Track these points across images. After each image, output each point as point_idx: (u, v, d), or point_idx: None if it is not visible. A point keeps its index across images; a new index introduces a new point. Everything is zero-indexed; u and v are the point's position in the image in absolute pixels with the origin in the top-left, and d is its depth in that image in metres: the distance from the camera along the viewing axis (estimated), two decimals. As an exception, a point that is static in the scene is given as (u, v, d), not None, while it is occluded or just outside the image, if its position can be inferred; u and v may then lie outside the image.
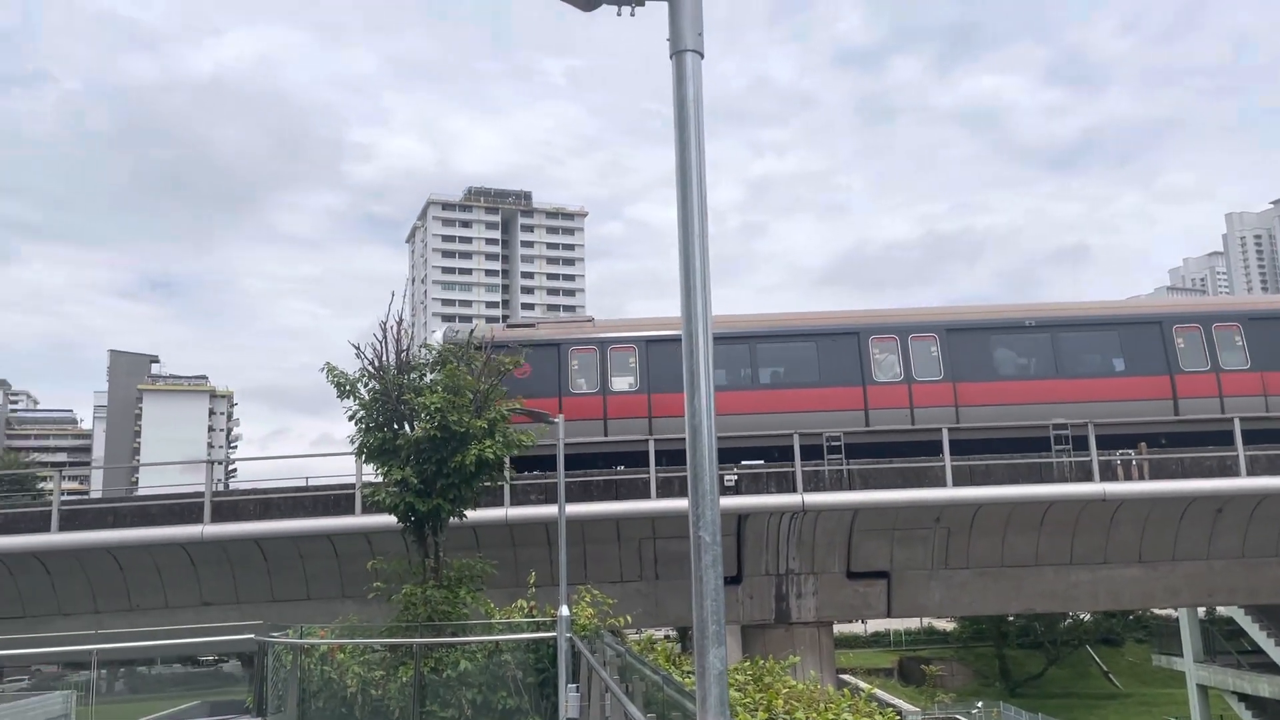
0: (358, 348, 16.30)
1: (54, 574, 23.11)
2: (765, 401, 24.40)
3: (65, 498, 22.74)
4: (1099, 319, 25.56)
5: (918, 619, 63.51)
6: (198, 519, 22.28)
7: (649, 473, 22.68)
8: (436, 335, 22.01)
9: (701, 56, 4.43)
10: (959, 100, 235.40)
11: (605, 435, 23.78)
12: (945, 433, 22.80)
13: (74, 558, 22.75)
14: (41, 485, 63.85)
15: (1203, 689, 42.20)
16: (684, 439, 4.37)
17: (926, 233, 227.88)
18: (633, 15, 4.66)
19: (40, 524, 22.34)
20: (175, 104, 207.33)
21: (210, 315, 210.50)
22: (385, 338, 16.27)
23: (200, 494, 22.54)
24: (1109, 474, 22.96)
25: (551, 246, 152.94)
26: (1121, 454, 23.19)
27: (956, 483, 22.64)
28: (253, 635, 18.04)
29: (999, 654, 63.26)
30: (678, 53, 4.39)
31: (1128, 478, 23.00)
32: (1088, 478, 22.73)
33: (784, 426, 23.19)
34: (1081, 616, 60.97)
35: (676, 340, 24.12)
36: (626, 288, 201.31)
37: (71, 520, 22.49)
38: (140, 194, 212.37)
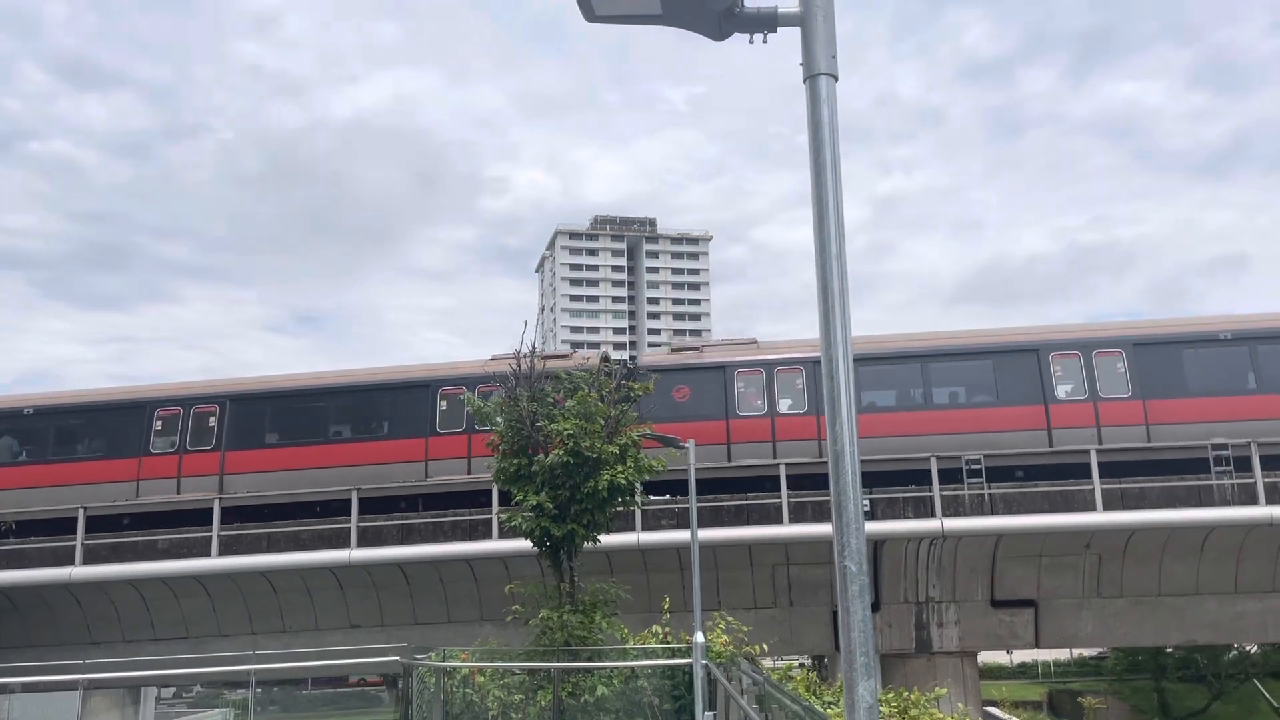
0: (496, 377, 16.70)
1: (214, 597, 24.38)
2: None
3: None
4: None
5: (1067, 650, 60.53)
6: (345, 544, 23.15)
7: (780, 497, 22.42)
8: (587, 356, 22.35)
9: (835, 79, 4.41)
10: (1095, 109, 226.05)
11: (774, 457, 23.48)
12: (1093, 454, 21.78)
13: (232, 581, 23.96)
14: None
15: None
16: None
17: (1067, 246, 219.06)
18: (765, 42, 4.67)
19: (202, 549, 23.63)
20: (319, 147, 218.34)
21: (353, 346, 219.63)
22: (518, 366, 16.63)
23: (348, 520, 23.41)
24: (1276, 497, 21.48)
25: (676, 272, 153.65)
26: (1290, 475, 21.68)
27: (1107, 507, 21.57)
28: (398, 657, 18.58)
29: (1157, 688, 59.57)
30: (811, 77, 4.37)
31: (1298, 501, 21.47)
32: (1252, 501, 21.32)
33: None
34: (1248, 648, 56.96)
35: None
36: (752, 310, 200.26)
37: (230, 546, 23.71)
38: (287, 233, 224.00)
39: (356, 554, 23.01)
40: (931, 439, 22.92)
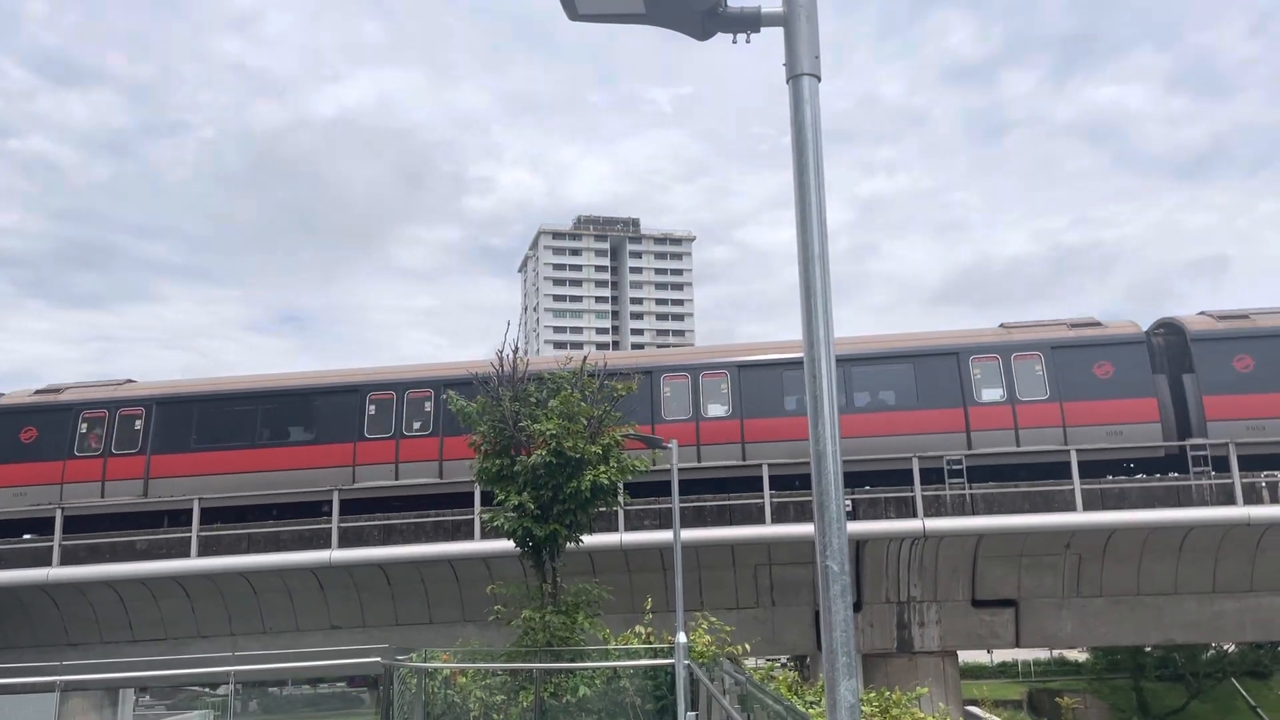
0: (476, 377, 16.67)
1: (193, 597, 24.21)
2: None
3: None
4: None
5: (1047, 649, 60.88)
6: (326, 544, 23.03)
7: (763, 498, 22.46)
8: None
9: (818, 80, 4.41)
10: (1077, 111, 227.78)
11: (699, 460, 23.64)
12: (1073, 454, 21.91)
13: (211, 582, 23.79)
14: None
15: (1366, 728, 39.24)
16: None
17: (1050, 248, 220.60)
18: (748, 42, 4.66)
19: (181, 550, 23.45)
20: (302, 146, 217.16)
21: (336, 346, 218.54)
22: (501, 366, 16.59)
23: (329, 521, 23.29)
24: (1253, 497, 21.68)
25: (660, 272, 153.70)
26: (1267, 475, 21.90)
27: (1087, 507, 21.72)
28: (379, 659, 18.50)
29: (1136, 687, 60.01)
30: (794, 77, 4.37)
31: (1274, 500, 21.69)
32: (1230, 501, 21.51)
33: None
34: (1226, 648, 57.48)
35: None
36: (736, 311, 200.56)
37: (209, 546, 23.54)
38: (270, 232, 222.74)
39: (337, 554, 22.90)
40: (851, 442, 23.12)
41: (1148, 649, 55.59)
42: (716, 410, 24.25)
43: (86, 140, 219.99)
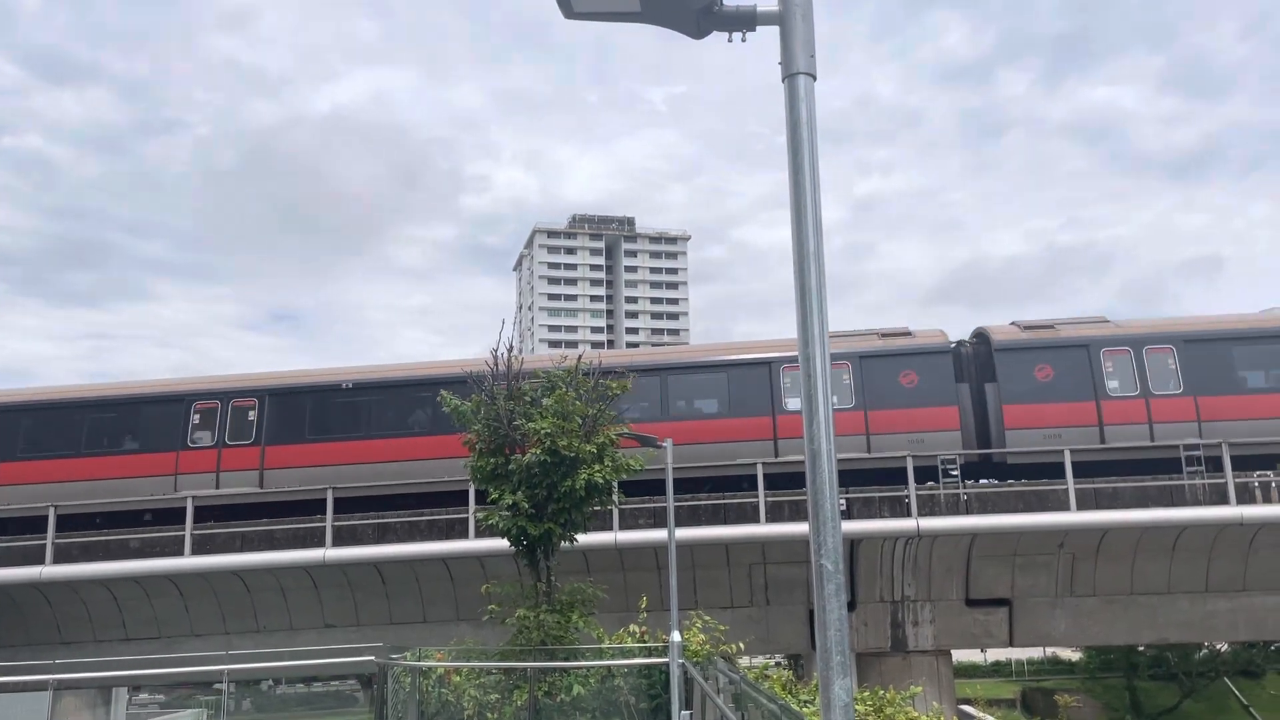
0: (472, 376, 16.65)
1: (187, 596, 24.16)
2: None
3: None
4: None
5: (1041, 648, 60.98)
6: (320, 543, 23.00)
7: (758, 497, 22.47)
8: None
9: (814, 79, 4.40)
10: (1071, 112, 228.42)
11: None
12: (1067, 454, 21.95)
13: (205, 580, 23.75)
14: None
15: (1357, 727, 39.36)
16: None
17: (1044, 247, 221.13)
18: (744, 40, 4.66)
19: (174, 549, 23.40)
20: (297, 144, 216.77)
21: (330, 345, 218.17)
22: (496, 364, 16.57)
23: (323, 518, 23.25)
24: (1246, 496, 21.74)
25: (655, 271, 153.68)
26: (1260, 475, 21.96)
27: (1081, 506, 21.76)
28: (373, 657, 18.47)
29: (1129, 686, 60.13)
30: (790, 76, 4.37)
31: (1267, 500, 21.75)
32: (1223, 500, 21.56)
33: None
34: (1219, 647, 57.60)
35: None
36: (732, 310, 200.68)
37: (203, 545, 23.49)
38: (265, 230, 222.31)
39: (331, 553, 22.87)
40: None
41: (1141, 648, 55.70)
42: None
43: (80, 138, 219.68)
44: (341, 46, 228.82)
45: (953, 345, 24.79)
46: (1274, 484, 21.91)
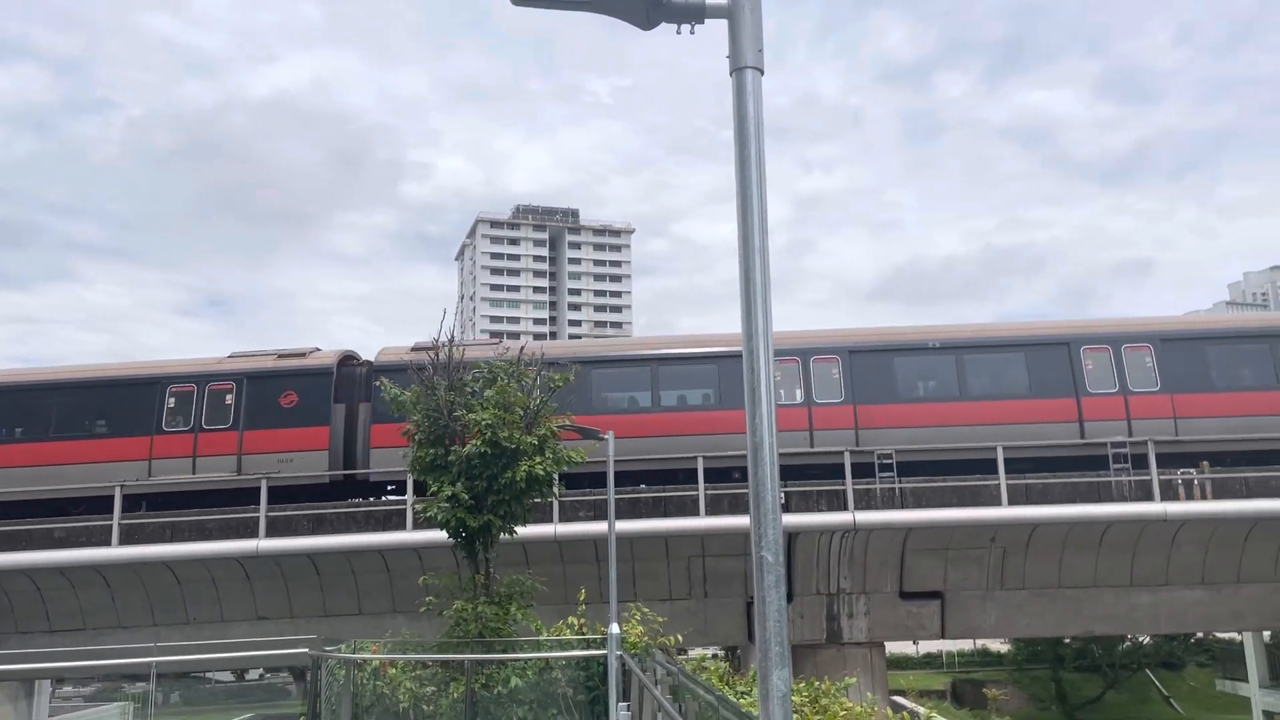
0: (412, 365, 16.47)
1: (114, 587, 23.56)
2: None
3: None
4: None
5: (971, 640, 62.32)
6: (253, 534, 22.59)
7: (698, 490, 22.58)
8: None
9: (761, 73, 4.42)
10: (1008, 115, 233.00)
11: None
12: (1000, 451, 22.41)
13: (133, 571, 23.17)
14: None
15: (1269, 715, 40.84)
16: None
17: (983, 248, 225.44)
18: (691, 33, 4.66)
19: (102, 538, 22.80)
20: (234, 126, 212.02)
21: (266, 332, 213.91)
22: (436, 355, 16.42)
23: (256, 509, 22.84)
24: (1170, 493, 22.41)
25: (598, 263, 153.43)
26: (1183, 473, 22.63)
27: (1012, 502, 22.24)
28: (306, 650, 18.21)
29: (1055, 677, 61.76)
30: (738, 69, 4.38)
31: (1190, 497, 22.43)
32: (1148, 497, 22.20)
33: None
34: (1141, 639, 59.40)
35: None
36: (674, 304, 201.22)
37: (131, 535, 22.92)
38: (200, 215, 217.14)
39: (265, 544, 22.47)
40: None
41: (1067, 640, 57.26)
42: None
43: (7, 115, 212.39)
44: (282, 28, 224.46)
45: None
46: (1196, 481, 22.59)
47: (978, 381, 24.49)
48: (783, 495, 22.59)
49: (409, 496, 22.13)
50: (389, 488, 24.72)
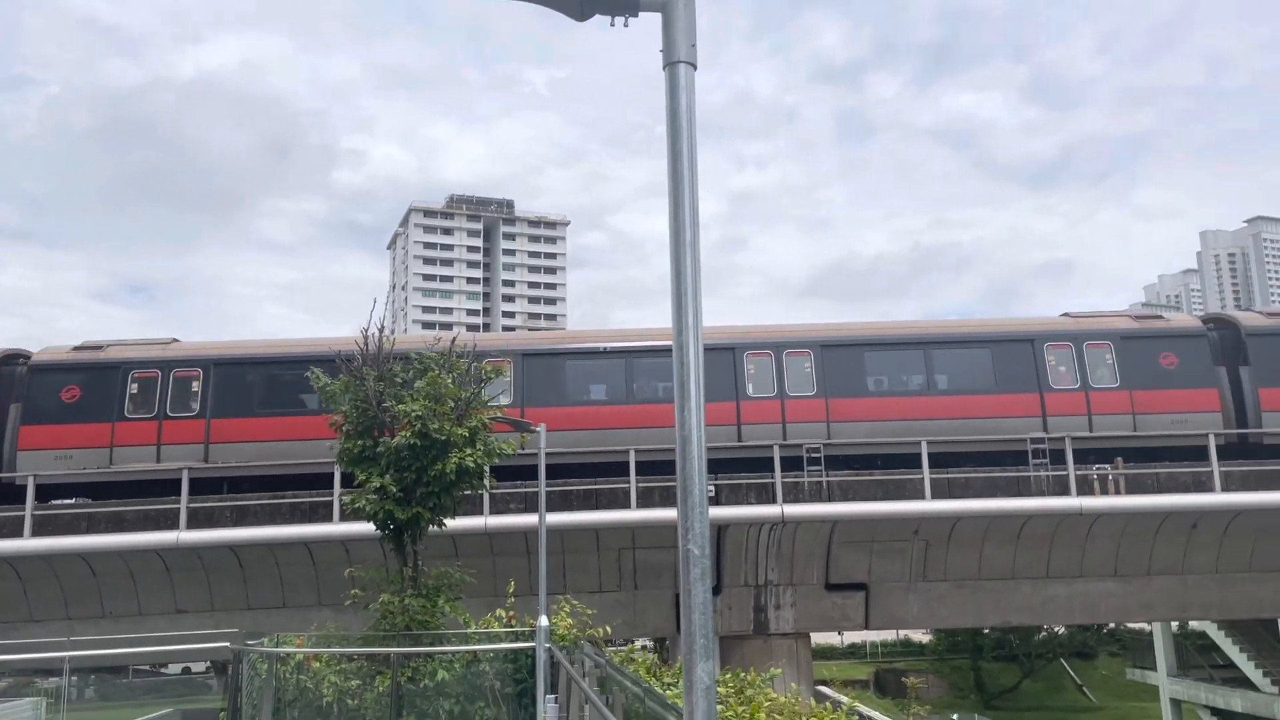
0: (340, 355, 16.23)
1: (25, 579, 22.79)
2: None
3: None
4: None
5: (894, 631, 63.63)
6: (173, 525, 22.05)
7: (629, 482, 22.65)
8: None
9: (694, 68, 4.45)
10: (938, 117, 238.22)
11: None
12: (924, 445, 22.88)
13: (46, 563, 22.45)
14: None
15: (1176, 703, 42.47)
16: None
17: (911, 247, 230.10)
18: (625, 26, 4.67)
19: (13, 529, 22.04)
20: (159, 107, 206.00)
21: (188, 320, 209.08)
22: (365, 344, 16.19)
23: (177, 500, 22.29)
24: (1086, 488, 23.11)
25: (533, 255, 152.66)
26: (1098, 469, 23.36)
27: (935, 495, 22.73)
28: (227, 643, 17.84)
29: (974, 666, 63.44)
30: (671, 64, 4.40)
31: (1104, 492, 23.17)
32: (1065, 492, 22.87)
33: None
34: (1056, 630, 61.29)
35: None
36: (609, 297, 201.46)
37: (45, 525, 22.20)
38: (121, 198, 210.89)
39: (186, 535, 21.94)
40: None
41: (986, 631, 58.82)
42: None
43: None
44: (209, 9, 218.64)
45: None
46: (1111, 477, 23.33)
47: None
48: (713, 488, 22.79)
49: (335, 488, 21.80)
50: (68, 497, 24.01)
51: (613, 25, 4.66)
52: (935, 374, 25.11)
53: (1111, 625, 57.09)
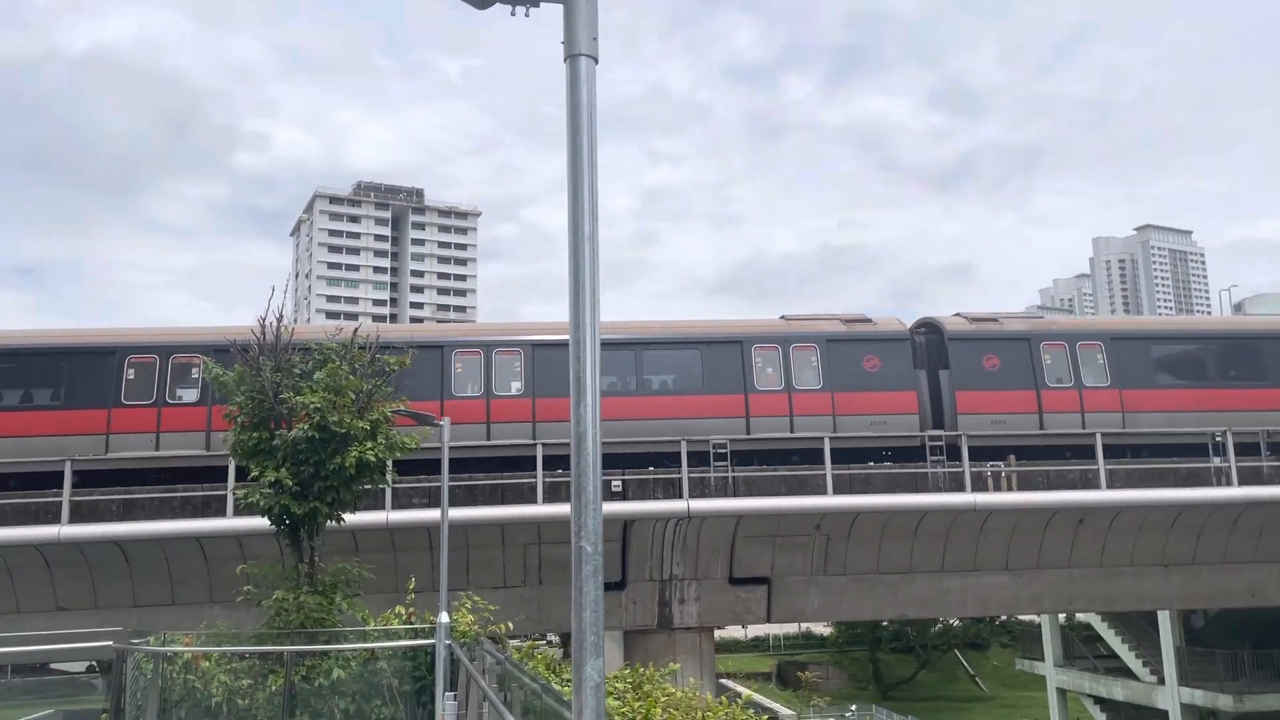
0: (234, 345, 15.72)
1: (-109, 577, 21.56)
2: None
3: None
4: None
5: (796, 624, 64.80)
6: (54, 519, 21.10)
7: (535, 477, 22.51)
8: None
9: (596, 61, 4.40)
10: (847, 119, 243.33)
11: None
12: (827, 442, 23.28)
13: (-85, 560, 21.26)
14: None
15: (1061, 692, 44.23)
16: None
17: (819, 246, 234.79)
18: (527, 16, 4.60)
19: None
20: (47, 84, 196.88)
21: (80, 305, 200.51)
22: (263, 333, 15.72)
23: (58, 493, 21.33)
24: (980, 485, 23.83)
25: (443, 246, 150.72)
26: (992, 466, 24.11)
27: (837, 491, 23.15)
28: (111, 642, 17.14)
29: (872, 658, 65.05)
30: (572, 56, 4.35)
31: (997, 488, 23.92)
32: (960, 488, 23.53)
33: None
34: (951, 622, 63.24)
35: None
36: (520, 290, 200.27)
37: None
38: (6, 175, 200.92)
39: (68, 530, 21.01)
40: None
41: (884, 624, 60.34)
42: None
43: None
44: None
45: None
46: (1004, 474, 24.12)
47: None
48: (619, 483, 22.83)
49: (229, 482, 21.14)
50: None
51: (514, 14, 4.60)
52: (646, 375, 25.39)
53: (1003, 617, 59.10)
